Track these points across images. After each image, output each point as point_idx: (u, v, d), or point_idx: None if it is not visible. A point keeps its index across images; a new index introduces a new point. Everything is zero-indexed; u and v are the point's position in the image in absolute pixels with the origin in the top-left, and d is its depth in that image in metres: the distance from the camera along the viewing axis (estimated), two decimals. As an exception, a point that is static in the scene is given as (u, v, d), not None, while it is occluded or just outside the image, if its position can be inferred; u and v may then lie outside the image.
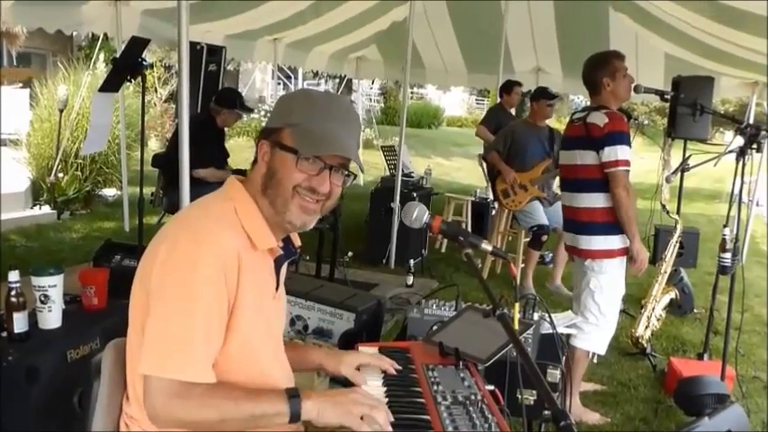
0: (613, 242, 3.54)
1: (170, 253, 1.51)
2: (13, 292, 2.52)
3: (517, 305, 1.81)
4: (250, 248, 1.59)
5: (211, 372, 1.51)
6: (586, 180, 3.60)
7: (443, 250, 7.70)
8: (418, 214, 1.79)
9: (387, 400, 1.74)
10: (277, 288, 1.76)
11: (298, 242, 1.81)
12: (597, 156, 3.50)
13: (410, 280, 5.96)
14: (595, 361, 3.85)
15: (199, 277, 1.48)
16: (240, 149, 10.52)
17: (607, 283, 3.59)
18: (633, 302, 5.46)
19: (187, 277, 1.48)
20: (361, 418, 1.54)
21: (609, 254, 3.55)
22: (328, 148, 1.61)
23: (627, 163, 3.46)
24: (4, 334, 2.57)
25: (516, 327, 1.79)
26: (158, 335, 1.48)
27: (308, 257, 5.35)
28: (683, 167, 4.42)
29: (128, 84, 5.16)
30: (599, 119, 3.50)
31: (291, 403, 1.51)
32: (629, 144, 3.48)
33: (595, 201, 3.57)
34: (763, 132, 3.58)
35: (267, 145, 1.65)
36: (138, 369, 1.50)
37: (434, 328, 2.25)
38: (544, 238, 6.03)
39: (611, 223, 3.52)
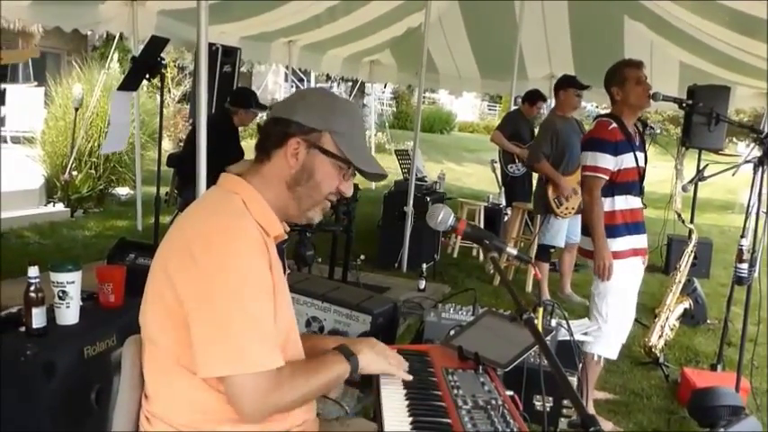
0: (611, 245, 3.52)
1: (207, 252, 1.50)
2: (32, 288, 2.52)
3: (541, 311, 1.81)
4: (265, 237, 1.63)
5: (281, 354, 1.55)
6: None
7: (455, 255, 7.70)
8: (443, 217, 1.79)
9: (407, 402, 1.74)
10: (284, 271, 1.80)
11: (286, 227, 1.80)
12: None
13: (422, 284, 5.94)
14: (601, 364, 3.82)
15: (244, 268, 1.50)
16: (253, 151, 10.55)
17: (603, 285, 3.57)
18: (646, 312, 5.43)
19: (232, 271, 1.49)
20: None
21: None
22: (375, 166, 1.75)
23: (596, 169, 3.51)
24: (23, 329, 2.58)
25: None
26: (222, 334, 1.47)
27: (320, 260, 5.35)
28: (700, 177, 4.39)
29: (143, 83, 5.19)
30: (591, 126, 3.76)
31: (351, 361, 1.70)
32: (610, 152, 3.51)
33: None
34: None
35: (304, 144, 1.65)
36: (202, 373, 1.49)
37: (452, 332, 2.24)
38: (552, 249, 5.99)
39: (609, 226, 3.53)
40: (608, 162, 3.50)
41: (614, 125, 3.55)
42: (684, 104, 4.11)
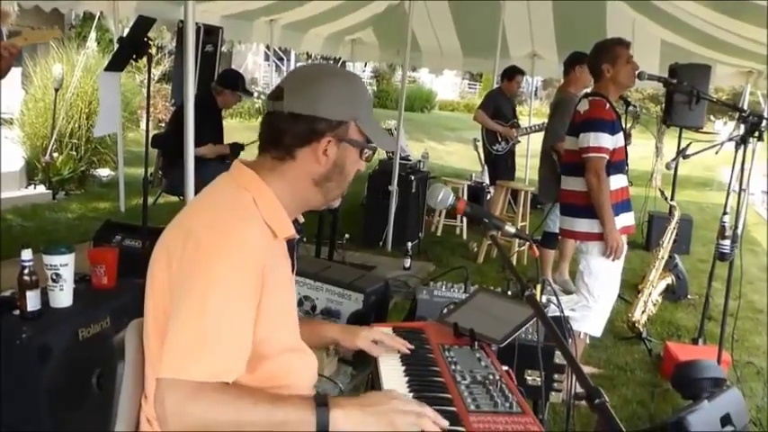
0: (596, 225, 3.58)
1: (195, 251, 1.43)
2: (26, 271, 2.52)
3: (539, 287, 1.85)
4: (272, 239, 1.55)
5: (241, 368, 1.43)
6: (570, 164, 3.75)
7: (439, 233, 7.75)
8: (443, 196, 1.82)
9: (407, 378, 1.77)
10: (293, 270, 1.75)
11: (301, 218, 1.76)
12: (576, 141, 3.65)
13: (408, 263, 5.99)
14: (588, 342, 3.90)
15: (226, 273, 1.41)
16: (233, 131, 10.48)
17: (595, 264, 3.64)
18: (629, 288, 5.51)
19: (214, 274, 1.41)
20: None
21: (591, 236, 3.62)
22: (391, 140, 1.86)
23: (600, 150, 3.53)
24: (17, 312, 2.59)
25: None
26: (183, 335, 1.38)
27: (305, 239, 5.38)
28: (683, 155, 4.46)
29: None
30: (583, 105, 3.70)
31: (319, 412, 1.39)
32: (609, 131, 3.53)
33: (577, 184, 3.68)
34: (765, 122, 3.62)
35: (334, 142, 1.58)
36: (158, 373, 1.38)
37: (446, 309, 2.28)
38: (559, 237, 5.91)
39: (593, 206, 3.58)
40: (608, 141, 3.53)
41: (608, 104, 3.59)
42: (670, 83, 4.16)
